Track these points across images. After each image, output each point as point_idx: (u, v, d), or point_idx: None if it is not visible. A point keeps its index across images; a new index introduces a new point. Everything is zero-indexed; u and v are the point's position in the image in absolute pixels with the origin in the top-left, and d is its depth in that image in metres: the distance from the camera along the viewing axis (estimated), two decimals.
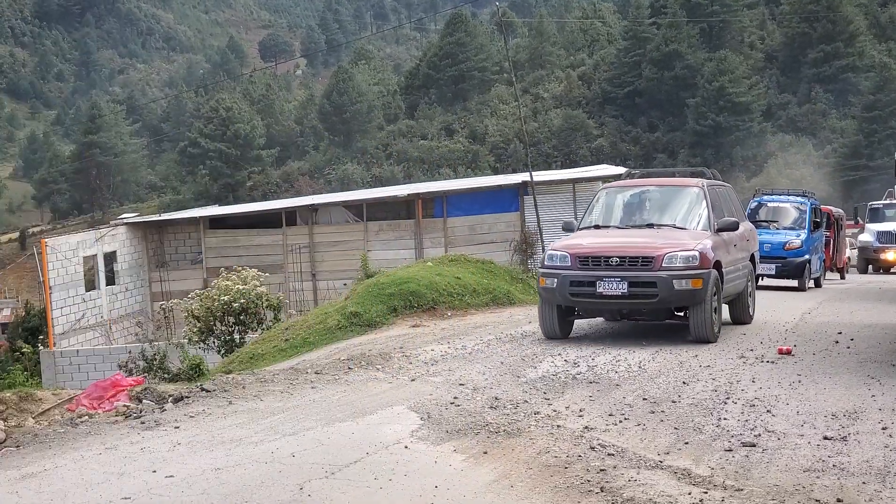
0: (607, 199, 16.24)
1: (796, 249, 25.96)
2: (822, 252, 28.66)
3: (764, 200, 28.20)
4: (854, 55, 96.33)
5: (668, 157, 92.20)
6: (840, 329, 15.72)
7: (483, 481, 7.43)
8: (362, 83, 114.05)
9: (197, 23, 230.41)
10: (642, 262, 14.05)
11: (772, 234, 26.34)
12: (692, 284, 13.92)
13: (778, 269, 25.62)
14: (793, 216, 27.35)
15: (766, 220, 27.01)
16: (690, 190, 15.88)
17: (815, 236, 27.41)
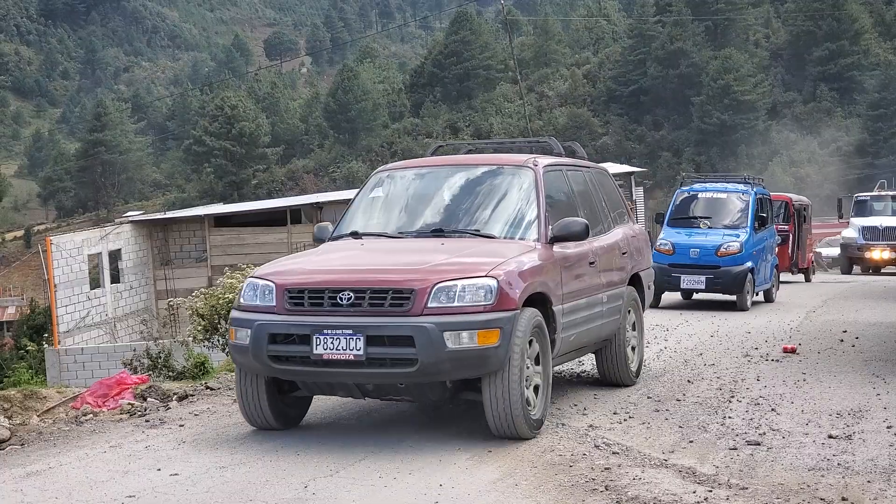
0: (382, 190, 10.11)
1: (734, 255, 19.82)
2: (772, 256, 22.33)
3: (694, 190, 22.14)
4: (859, 53, 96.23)
5: (672, 156, 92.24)
6: (845, 327, 15.72)
7: (488, 480, 7.43)
8: (367, 81, 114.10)
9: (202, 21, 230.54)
10: (392, 298, 8.00)
11: (702, 234, 20.69)
12: (479, 339, 7.86)
13: (709, 281, 19.80)
14: (732, 211, 21.17)
15: (696, 217, 21.28)
16: (513, 175, 9.74)
17: (762, 236, 21.32)
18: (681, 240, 20.51)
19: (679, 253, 20.15)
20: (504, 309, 8.00)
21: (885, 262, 36.14)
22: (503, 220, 9.36)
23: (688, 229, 20.81)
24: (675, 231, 20.94)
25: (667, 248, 20.32)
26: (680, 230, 20.92)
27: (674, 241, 20.51)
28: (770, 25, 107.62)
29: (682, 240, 20.50)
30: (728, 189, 21.73)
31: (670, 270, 19.87)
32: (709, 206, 21.45)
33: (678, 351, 13.77)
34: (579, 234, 9.30)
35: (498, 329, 7.90)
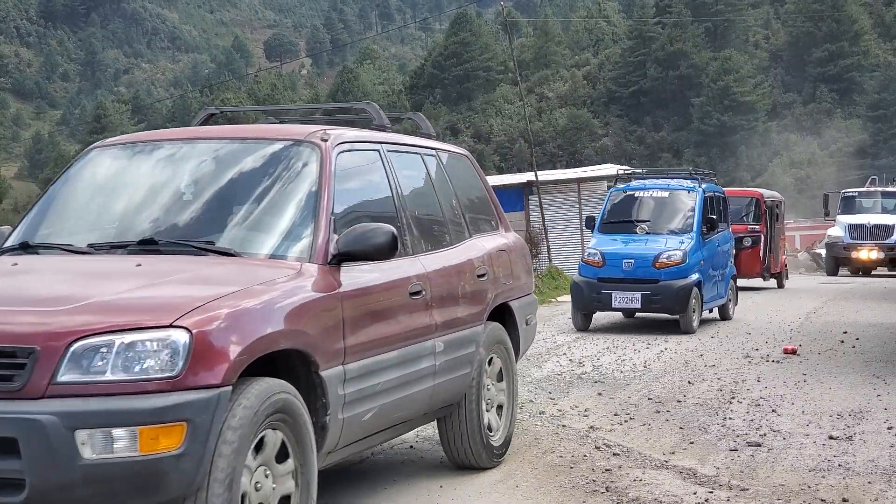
0: (89, 176, 6.66)
1: (676, 266, 16.37)
2: (728, 265, 18.80)
3: (632, 189, 18.37)
4: (859, 54, 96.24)
5: (672, 157, 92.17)
6: (845, 328, 15.73)
7: (488, 481, 7.43)
8: (367, 83, 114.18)
9: (202, 22, 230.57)
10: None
11: (640, 242, 17.18)
12: (143, 444, 4.34)
13: (646, 298, 16.40)
14: (675, 213, 17.66)
15: (633, 221, 17.77)
16: (287, 155, 6.25)
17: (713, 242, 17.77)
18: (613, 249, 17.04)
19: (610, 265, 16.74)
20: (199, 386, 4.51)
21: (872, 262, 33.98)
22: (255, 227, 5.89)
23: (623, 236, 17.37)
24: (607, 238, 17.47)
25: (595, 260, 16.96)
26: (613, 237, 17.44)
27: (604, 250, 17.03)
28: (770, 27, 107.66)
29: (615, 249, 17.04)
30: (671, 186, 17.96)
31: (599, 286, 16.56)
32: (648, 208, 17.83)
33: (678, 352, 13.78)
34: (381, 250, 5.76)
35: (182, 423, 4.42)
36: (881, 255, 33.53)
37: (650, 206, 17.82)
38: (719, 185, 20.27)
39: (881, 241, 33.52)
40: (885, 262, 33.94)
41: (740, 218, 24.04)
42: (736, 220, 22.68)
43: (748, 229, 24.21)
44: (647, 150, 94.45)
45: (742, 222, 24.32)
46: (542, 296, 22.91)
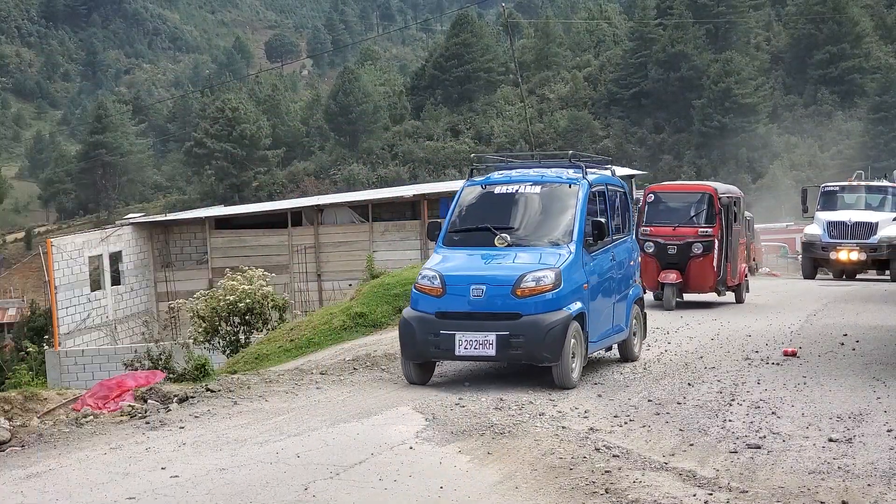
0: None
1: (546, 294, 11.32)
2: (629, 285, 13.48)
3: (491, 183, 12.76)
4: (860, 56, 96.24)
5: (673, 159, 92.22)
6: (845, 331, 15.70)
7: (488, 482, 7.43)
8: (368, 84, 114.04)
9: (203, 23, 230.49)
10: None
11: (497, 258, 11.85)
12: None
13: (503, 342, 11.22)
14: (550, 216, 12.39)
15: (491, 228, 12.15)
16: None
17: (605, 255, 12.65)
18: (458, 270, 11.70)
19: (453, 293, 11.49)
20: None
21: (852, 263, 30.37)
22: None
23: (475, 250, 12.01)
24: (453, 254, 12.11)
25: (432, 286, 11.62)
26: (462, 252, 12.06)
27: (446, 271, 11.67)
28: (771, 28, 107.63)
29: (461, 270, 11.69)
30: (545, 179, 12.62)
31: (438, 325, 11.38)
32: (512, 210, 12.40)
33: (679, 354, 13.77)
34: None
35: None
36: (862, 256, 30.02)
37: (515, 206, 12.37)
38: (630, 174, 18.22)
39: (863, 241, 30.05)
40: (866, 263, 30.62)
41: (689, 219, 20.33)
42: (684, 222, 20.26)
43: (698, 233, 20.12)
44: (648, 152, 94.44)
45: (691, 224, 20.33)
46: None
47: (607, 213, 12.84)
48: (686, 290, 20.30)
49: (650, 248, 20.04)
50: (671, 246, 20.12)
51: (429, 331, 11.41)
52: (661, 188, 22.07)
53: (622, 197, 13.75)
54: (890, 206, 30.85)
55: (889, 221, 30.12)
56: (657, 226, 20.42)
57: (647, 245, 20.01)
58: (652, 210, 20.71)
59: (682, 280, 19.96)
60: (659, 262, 20.06)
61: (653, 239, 20.26)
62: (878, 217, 30.23)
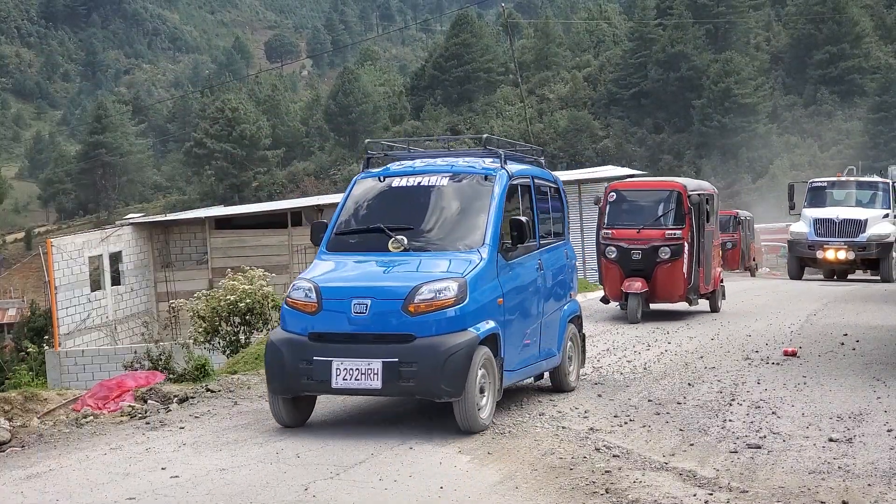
0: None
1: (446, 311, 9.01)
2: (563, 299, 11.33)
3: (389, 175, 10.54)
4: (860, 56, 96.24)
5: (673, 159, 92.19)
6: (846, 330, 15.69)
7: (488, 482, 7.43)
8: (368, 84, 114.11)
9: (203, 23, 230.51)
10: None
11: (389, 266, 9.55)
12: None
13: (391, 372, 8.89)
14: (459, 215, 10.10)
15: (385, 230, 9.88)
16: None
17: (528, 264, 10.41)
18: (338, 279, 9.52)
19: (330, 309, 9.21)
20: None
21: (839, 263, 29.11)
22: None
23: (364, 257, 9.79)
24: (336, 261, 9.89)
25: (307, 301, 9.38)
26: (347, 259, 9.86)
27: (322, 282, 9.46)
28: (771, 29, 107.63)
29: (341, 279, 9.52)
30: (455, 169, 10.36)
31: (311, 349, 9.16)
32: (413, 208, 10.15)
33: (679, 354, 13.77)
34: None
35: None
36: (851, 255, 28.54)
37: (416, 203, 10.14)
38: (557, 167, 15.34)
39: (851, 240, 28.54)
40: (855, 263, 29.21)
41: (656, 220, 17.98)
42: (650, 224, 17.92)
43: (665, 235, 17.77)
44: (648, 152, 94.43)
45: (657, 226, 17.97)
46: None
47: (533, 211, 10.66)
48: (653, 299, 17.99)
49: (612, 253, 17.92)
50: (635, 250, 17.78)
51: (300, 357, 9.07)
52: (623, 185, 19.98)
53: (554, 193, 11.58)
54: (880, 202, 29.55)
55: (879, 219, 28.83)
56: (620, 228, 18.09)
57: (609, 250, 17.97)
58: (614, 210, 18.36)
59: (649, 289, 17.63)
60: (622, 268, 17.84)
61: (615, 243, 17.97)
62: (868, 214, 28.87)
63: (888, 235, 28.44)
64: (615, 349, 14.30)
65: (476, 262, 9.36)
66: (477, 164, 10.43)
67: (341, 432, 9.13)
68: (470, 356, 8.85)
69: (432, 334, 8.85)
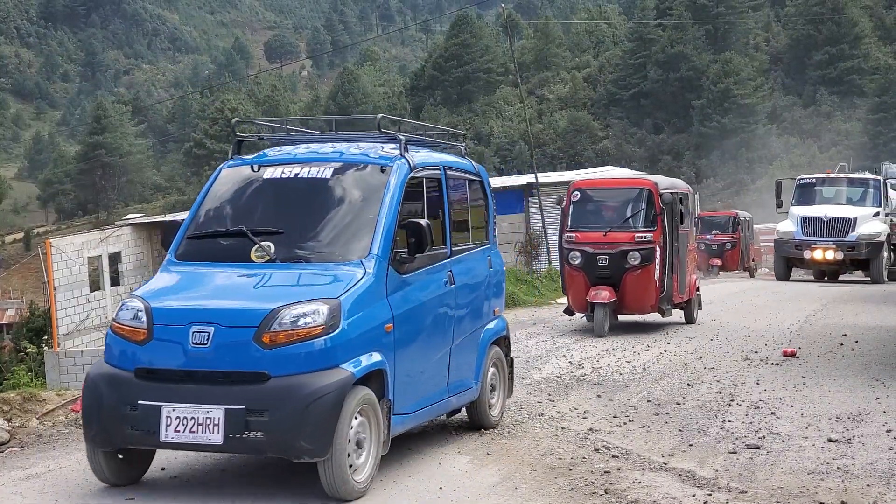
0: None
1: (312, 343, 6.89)
2: (481, 318, 9.18)
3: (265, 162, 8.34)
4: (859, 57, 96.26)
5: (672, 159, 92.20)
6: (845, 331, 15.70)
7: (487, 483, 7.43)
8: (368, 84, 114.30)
9: (202, 24, 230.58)
10: None
11: (249, 279, 7.40)
12: None
13: (235, 421, 6.73)
14: (342, 215, 7.88)
15: (248, 233, 7.68)
16: None
17: (431, 278, 8.25)
18: (175, 298, 7.49)
19: (163, 338, 7.12)
20: None
21: (827, 263, 28.07)
22: None
23: (217, 269, 7.69)
24: (182, 273, 7.87)
25: (134, 326, 7.27)
26: (197, 270, 7.77)
27: (156, 300, 7.42)
28: (770, 29, 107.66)
29: (180, 298, 7.48)
30: (343, 158, 8.29)
31: (136, 389, 7.05)
32: (286, 205, 8.07)
33: (678, 354, 13.77)
34: None
35: None
36: (839, 255, 27.44)
37: (293, 199, 8.03)
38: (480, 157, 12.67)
39: (840, 239, 27.43)
40: (844, 263, 28.17)
41: (624, 222, 16.35)
42: (618, 226, 16.25)
43: (635, 239, 16.03)
44: (648, 153, 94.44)
45: (626, 228, 16.26)
46: (541, 297, 22.93)
47: (444, 211, 8.71)
48: (622, 310, 16.30)
49: (576, 258, 16.17)
50: (602, 256, 16.04)
51: (123, 399, 7.00)
52: (588, 184, 17.89)
53: (475, 189, 9.55)
54: (871, 200, 28.44)
55: (869, 217, 27.76)
56: (585, 231, 16.32)
57: (573, 255, 16.20)
58: (578, 211, 16.65)
59: (617, 298, 15.91)
60: (587, 276, 16.07)
61: (579, 247, 16.19)
62: (857, 212, 27.75)
63: (878, 235, 27.49)
64: (615, 349, 14.30)
65: (358, 277, 7.28)
66: (372, 152, 8.27)
67: None
68: (340, 402, 6.76)
69: (292, 373, 6.77)
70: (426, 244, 7.69)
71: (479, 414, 9.17)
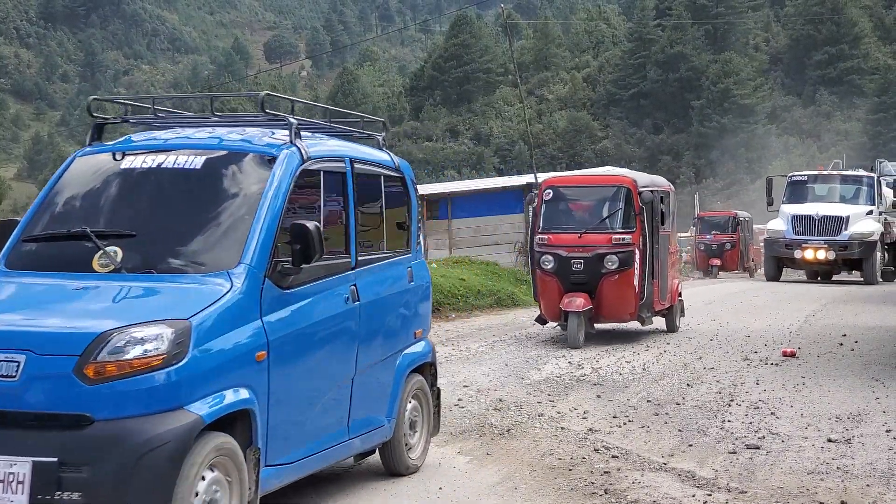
0: None
1: (152, 377, 5.28)
2: (408, 341, 7.84)
3: (128, 148, 6.83)
4: (859, 57, 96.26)
5: (672, 159, 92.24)
6: (844, 331, 15.71)
7: (487, 483, 7.44)
8: (367, 85, 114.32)
9: (202, 24, 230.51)
10: None
11: (75, 294, 5.78)
12: None
13: (42, 485, 5.09)
14: (208, 216, 6.35)
15: (90, 235, 6.17)
16: None
17: (323, 295, 6.66)
18: None
19: None
20: None
21: (819, 263, 27.22)
22: None
23: (50, 279, 6.10)
24: (9, 284, 6.17)
25: None
26: (28, 281, 6.17)
27: None
28: (770, 29, 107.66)
29: None
30: (220, 144, 6.80)
31: None
32: (143, 202, 6.55)
33: (677, 354, 13.77)
34: None
35: None
36: (831, 254, 26.58)
37: (153, 196, 6.62)
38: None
39: (832, 238, 26.57)
40: (836, 263, 27.29)
41: (600, 222, 15.10)
42: (594, 227, 15.02)
43: (613, 241, 14.77)
44: (647, 153, 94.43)
45: (603, 229, 15.00)
46: None
47: (347, 213, 7.11)
48: (598, 318, 14.99)
49: (548, 263, 14.90)
50: (576, 260, 14.73)
51: None
52: (561, 181, 16.56)
53: (393, 186, 8.00)
54: (865, 198, 27.55)
55: (862, 216, 26.93)
56: (558, 232, 15.08)
57: (545, 259, 14.95)
58: (550, 211, 15.43)
59: (593, 306, 14.64)
60: (561, 281, 14.80)
61: (552, 250, 14.95)
62: (850, 210, 26.88)
63: (871, 234, 26.69)
64: (614, 350, 14.30)
65: (221, 293, 5.76)
66: (257, 139, 6.87)
67: None
68: (182, 453, 5.21)
69: (122, 416, 5.19)
70: (314, 252, 6.11)
71: (394, 457, 7.61)
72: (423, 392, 7.99)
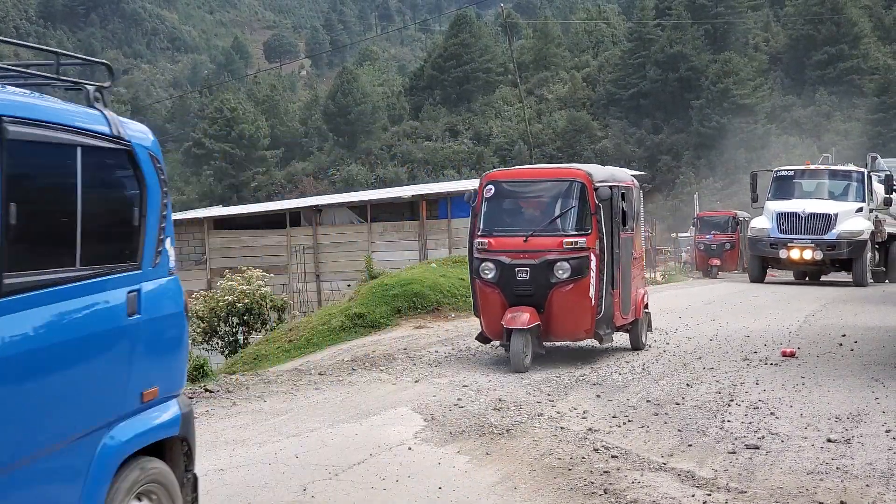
0: None
1: None
2: (103, 413, 4.78)
3: None
4: (859, 57, 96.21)
5: (672, 159, 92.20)
6: (844, 331, 15.70)
7: (487, 483, 7.44)
8: (367, 84, 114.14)
9: (202, 23, 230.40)
10: None
11: None
12: None
13: None
14: None
15: None
16: None
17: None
18: None
19: None
20: None
21: (805, 263, 25.89)
22: None
23: None
24: None
25: None
26: None
27: None
28: (769, 29, 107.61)
29: None
30: None
31: None
32: None
33: (677, 354, 13.76)
34: None
35: None
36: (818, 254, 25.23)
37: None
38: None
39: (818, 237, 25.17)
40: (823, 263, 25.86)
41: (550, 223, 12.85)
42: (542, 229, 12.80)
43: (564, 245, 12.64)
44: (647, 153, 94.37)
45: (553, 232, 12.83)
46: None
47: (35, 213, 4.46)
48: (548, 336, 12.79)
49: (489, 271, 12.73)
50: (521, 268, 12.58)
51: None
52: (505, 175, 13.90)
53: (112, 164, 5.37)
54: (854, 194, 26.00)
55: (851, 213, 25.46)
56: (500, 235, 12.87)
57: (485, 267, 12.76)
58: (493, 210, 13.14)
59: (541, 322, 12.51)
60: (504, 293, 12.66)
61: (493, 257, 12.74)
62: (838, 208, 25.40)
63: (861, 233, 25.29)
64: (614, 349, 14.30)
65: None
66: None
67: (340, 433, 9.13)
68: None
69: None
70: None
71: None
72: (164, 485, 5.20)
